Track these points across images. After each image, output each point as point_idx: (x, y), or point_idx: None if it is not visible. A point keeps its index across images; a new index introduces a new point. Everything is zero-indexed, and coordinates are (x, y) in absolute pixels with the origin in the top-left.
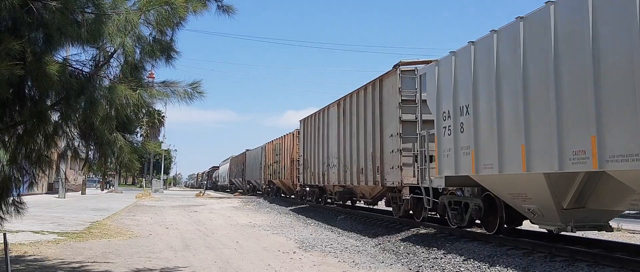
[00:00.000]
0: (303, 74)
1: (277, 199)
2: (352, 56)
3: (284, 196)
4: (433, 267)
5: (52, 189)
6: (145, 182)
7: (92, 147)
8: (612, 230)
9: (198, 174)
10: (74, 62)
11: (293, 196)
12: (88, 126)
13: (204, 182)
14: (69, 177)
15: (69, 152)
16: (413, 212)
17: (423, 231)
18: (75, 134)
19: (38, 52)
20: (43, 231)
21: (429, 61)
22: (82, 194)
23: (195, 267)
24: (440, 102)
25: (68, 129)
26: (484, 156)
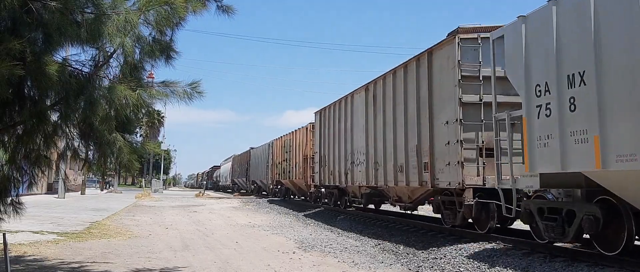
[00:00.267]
0: (302, 74)
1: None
2: (350, 56)
3: (294, 198)
4: (433, 268)
5: (51, 189)
6: (145, 183)
7: (91, 148)
8: None
9: (198, 174)
10: (74, 62)
11: (304, 198)
12: (87, 126)
13: (204, 182)
14: (69, 178)
15: (69, 152)
16: (475, 221)
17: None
18: (75, 134)
19: (38, 52)
20: (42, 231)
21: (495, 27)
22: (81, 194)
23: (195, 268)
24: (531, 73)
25: (67, 129)
26: (618, 144)
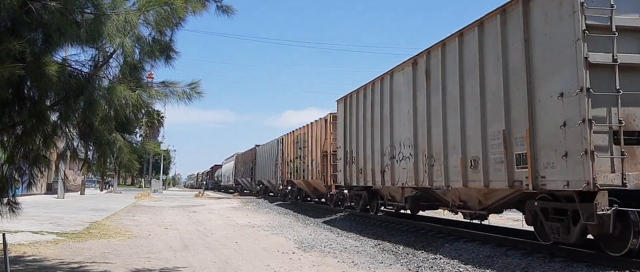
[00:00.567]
0: (302, 74)
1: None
2: (350, 56)
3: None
4: (432, 268)
5: (51, 189)
6: (145, 183)
7: (91, 148)
8: None
9: (198, 173)
10: (73, 63)
11: (318, 200)
12: (87, 126)
13: (204, 183)
14: (68, 178)
15: (68, 153)
16: (601, 239)
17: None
18: (75, 134)
19: (37, 53)
20: (42, 231)
21: None
22: (81, 194)
23: (195, 268)
24: None
25: (67, 129)
26: None
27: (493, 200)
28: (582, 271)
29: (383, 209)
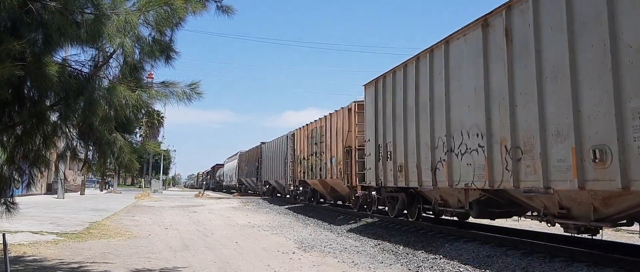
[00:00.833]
0: (302, 74)
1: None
2: (350, 56)
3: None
4: (432, 268)
5: (51, 189)
6: (145, 183)
7: (91, 148)
8: None
9: (198, 173)
10: (73, 63)
11: (334, 203)
12: (87, 127)
13: (205, 183)
14: (68, 178)
15: (68, 153)
16: None
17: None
18: (75, 134)
19: (37, 53)
20: (42, 232)
21: None
22: (81, 194)
23: (195, 268)
24: None
25: (67, 129)
26: None
27: (621, 207)
28: (582, 271)
29: (426, 215)
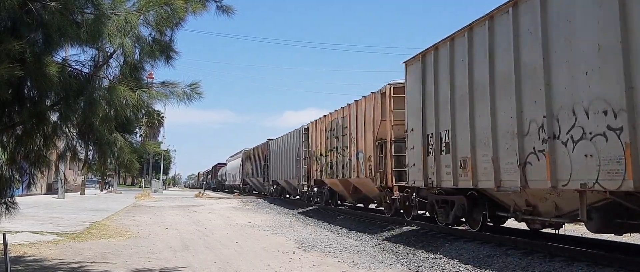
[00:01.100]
0: (302, 74)
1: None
2: (350, 56)
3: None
4: (433, 267)
5: (51, 189)
6: (145, 183)
7: (91, 148)
8: None
9: (199, 173)
10: (74, 63)
11: (361, 205)
12: (87, 127)
13: (205, 183)
14: (68, 178)
15: (68, 153)
16: None
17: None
18: (75, 134)
19: (37, 53)
20: (42, 232)
21: None
22: (81, 194)
23: (195, 268)
24: None
25: (67, 129)
26: None
27: None
28: (582, 271)
29: (497, 222)
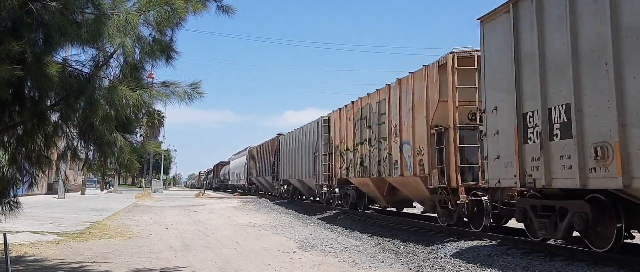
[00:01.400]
0: (302, 74)
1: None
2: (350, 56)
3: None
4: (433, 267)
5: (51, 189)
6: (145, 183)
7: (91, 148)
8: None
9: (199, 172)
10: (74, 63)
11: (393, 209)
12: (88, 126)
13: (206, 182)
14: (69, 178)
15: (69, 153)
16: None
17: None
18: (75, 134)
19: (38, 53)
20: (43, 232)
21: None
22: (81, 194)
23: (195, 267)
24: None
25: (68, 129)
26: None
27: None
28: (582, 270)
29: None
